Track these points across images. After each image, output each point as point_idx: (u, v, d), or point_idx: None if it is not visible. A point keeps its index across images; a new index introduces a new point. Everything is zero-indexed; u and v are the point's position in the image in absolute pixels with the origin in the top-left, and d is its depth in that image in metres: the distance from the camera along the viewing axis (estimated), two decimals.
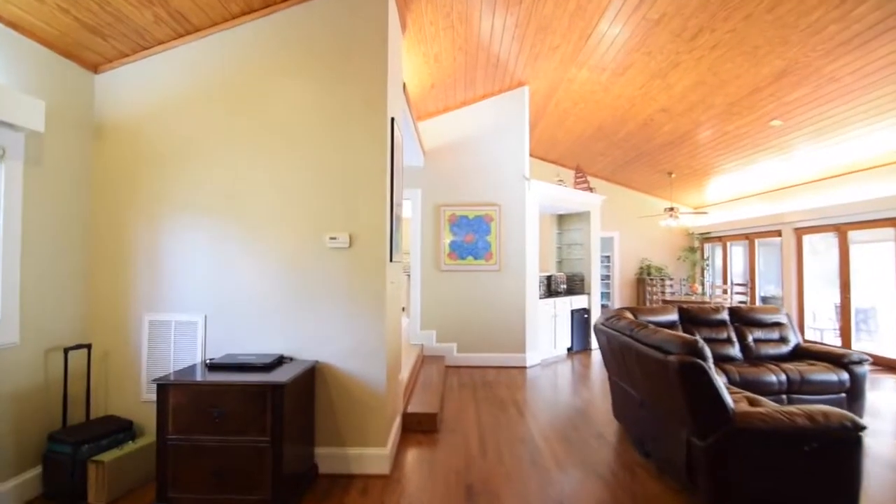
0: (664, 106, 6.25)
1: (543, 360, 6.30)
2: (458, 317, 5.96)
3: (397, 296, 3.52)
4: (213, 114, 3.01)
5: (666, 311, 4.39)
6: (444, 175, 6.06)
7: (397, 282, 3.50)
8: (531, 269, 6.09)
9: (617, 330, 3.24)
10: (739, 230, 9.06)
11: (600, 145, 8.56)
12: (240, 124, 3.00)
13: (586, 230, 7.47)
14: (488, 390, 4.86)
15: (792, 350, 4.44)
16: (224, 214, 2.98)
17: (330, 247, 2.93)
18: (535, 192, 6.24)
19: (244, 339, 2.96)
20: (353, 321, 2.92)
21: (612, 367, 3.53)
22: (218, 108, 3.01)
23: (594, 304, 7.34)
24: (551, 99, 7.06)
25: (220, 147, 3.00)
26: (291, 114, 2.99)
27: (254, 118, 3.00)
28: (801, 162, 6.82)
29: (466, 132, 6.11)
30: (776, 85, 5.05)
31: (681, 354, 2.37)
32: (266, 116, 2.99)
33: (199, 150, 3.00)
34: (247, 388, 2.38)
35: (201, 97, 3.02)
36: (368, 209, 2.94)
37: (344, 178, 2.96)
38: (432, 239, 6.00)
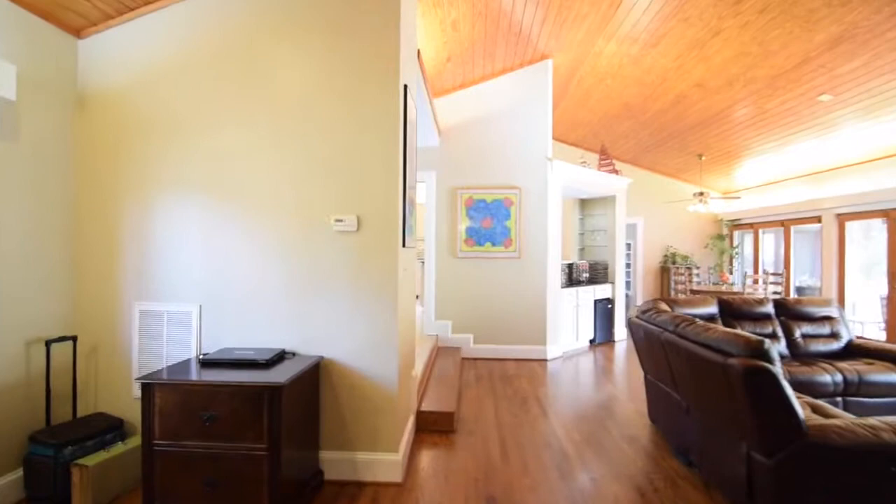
0: (699, 80, 5.77)
1: (565, 353, 5.96)
2: (475, 307, 5.64)
3: (411, 284, 3.21)
4: (207, 82, 2.70)
5: (704, 304, 4.00)
6: (460, 156, 5.70)
7: (411, 269, 3.18)
8: (553, 256, 5.73)
9: (657, 325, 2.88)
10: (773, 216, 8.53)
11: (625, 126, 8.08)
12: (236, 93, 2.68)
13: (611, 215, 7.06)
14: (508, 385, 4.56)
15: (844, 347, 4.03)
16: (220, 194, 2.69)
17: (336, 230, 2.62)
18: (557, 174, 5.84)
19: (243, 332, 2.68)
20: (361, 313, 2.62)
21: (649, 366, 3.18)
22: (211, 76, 2.70)
23: (618, 294, 6.96)
24: (575, 75, 6.62)
25: (215, 119, 2.69)
26: (293, 80, 2.66)
27: (252, 86, 2.68)
28: (845, 142, 6.28)
29: (485, 110, 5.72)
30: (829, 55, 4.55)
31: (744, 357, 2.02)
32: (266, 84, 2.67)
33: (192, 122, 2.70)
34: (241, 389, 2.10)
35: (193, 64, 2.71)
36: (378, 188, 2.62)
37: (351, 152, 2.63)
38: (448, 224, 5.67)
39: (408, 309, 3.07)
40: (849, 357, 3.90)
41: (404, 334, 2.91)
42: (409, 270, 3.08)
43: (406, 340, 2.99)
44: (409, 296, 3.14)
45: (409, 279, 3.10)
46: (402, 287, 2.81)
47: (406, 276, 2.97)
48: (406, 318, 3.00)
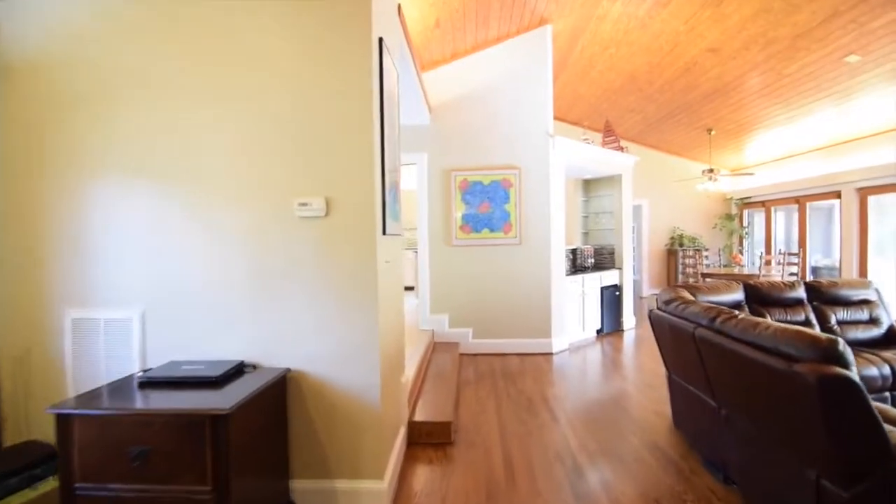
0: (713, 45, 5.27)
1: (571, 345, 5.55)
2: (474, 298, 5.21)
3: (396, 277, 2.76)
4: (149, 45, 2.22)
5: (729, 290, 3.57)
6: (453, 134, 5.22)
7: (396, 260, 2.74)
8: (556, 241, 5.28)
9: (686, 318, 2.45)
10: (787, 193, 8.07)
11: (630, 99, 7.58)
12: (177, 54, 2.21)
13: (616, 196, 6.60)
14: (511, 384, 4.14)
15: (885, 333, 3.61)
16: (167, 177, 2.23)
17: (300, 216, 2.17)
18: (559, 151, 5.37)
19: (196, 341, 2.25)
20: (334, 314, 2.19)
21: (674, 365, 2.76)
22: (155, 38, 2.22)
23: (626, 280, 6.53)
24: (576, 43, 6.11)
25: (161, 90, 2.22)
26: (245, 37, 2.19)
27: (197, 46, 2.20)
28: (868, 110, 5.80)
29: (479, 83, 5.23)
30: (861, 7, 4.06)
31: (814, 363, 1.59)
32: (213, 43, 2.20)
33: (134, 94, 2.24)
34: (178, 417, 1.68)
35: (132, 23, 2.23)
36: (350, 165, 2.16)
37: (316, 121, 2.17)
38: (441, 209, 5.21)
39: (393, 306, 2.64)
40: (891, 345, 3.49)
41: (389, 336, 2.48)
42: (394, 262, 2.63)
43: (391, 343, 2.56)
44: (395, 291, 2.70)
45: (394, 272, 2.66)
46: (385, 281, 2.37)
47: (390, 269, 2.53)
48: (391, 318, 2.56)
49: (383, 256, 2.32)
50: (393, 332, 2.61)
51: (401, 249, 2.86)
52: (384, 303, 2.34)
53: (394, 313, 2.65)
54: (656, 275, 9.90)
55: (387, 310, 2.43)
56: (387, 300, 2.42)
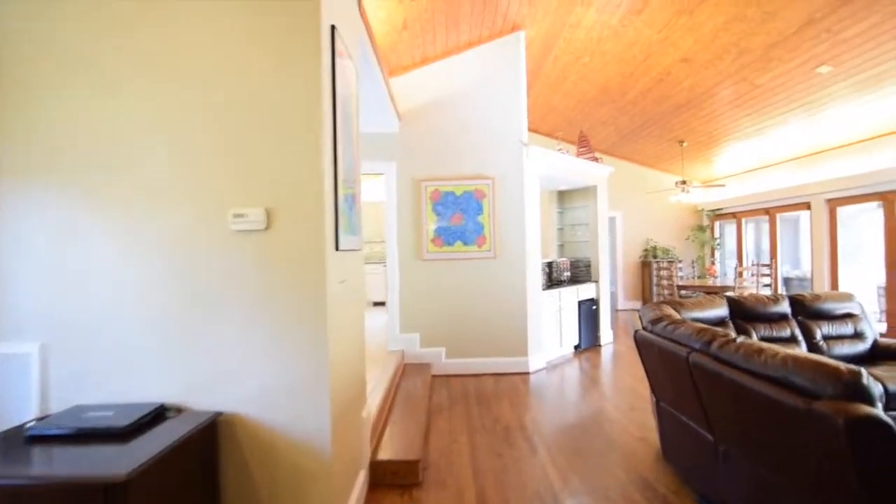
0: (687, 54, 5.20)
1: (549, 363, 5.30)
2: (446, 316, 4.91)
3: (355, 299, 2.44)
4: (47, 22, 1.87)
5: (713, 305, 3.39)
6: (424, 142, 4.96)
7: (355, 279, 2.42)
8: (532, 254, 5.05)
9: (676, 341, 2.21)
10: (758, 204, 8.12)
11: (604, 111, 7.50)
12: (87, 38, 1.87)
13: (592, 208, 6.45)
14: (486, 409, 3.84)
15: (871, 348, 3.48)
16: (74, 179, 1.87)
17: (235, 229, 1.84)
18: (534, 161, 5.17)
19: (110, 379, 1.87)
20: (276, 345, 1.85)
21: (663, 391, 2.51)
22: (53, 13, 1.87)
23: (603, 293, 6.36)
24: (549, 53, 5.97)
25: (68, 75, 1.86)
26: (168, 22, 1.86)
27: (109, 30, 1.87)
28: (838, 121, 5.84)
29: (450, 89, 5.00)
30: (835, 16, 4.02)
31: (837, 400, 1.35)
32: (127, 27, 1.87)
33: (36, 78, 1.87)
34: (64, 487, 1.31)
35: None
36: (296, 170, 1.85)
37: (256, 120, 1.85)
38: (412, 222, 4.92)
39: (351, 332, 2.31)
40: (878, 360, 3.36)
41: (345, 367, 2.15)
42: (351, 281, 2.32)
43: (348, 374, 2.23)
44: (353, 314, 2.38)
45: (352, 292, 2.34)
46: (339, 304, 2.05)
47: (347, 290, 2.21)
48: (348, 345, 2.24)
49: (336, 275, 2.01)
50: (351, 362, 2.29)
51: (360, 266, 2.54)
52: (338, 329, 2.02)
53: (352, 340, 2.32)
54: (631, 287, 9.82)
55: (342, 337, 2.10)
56: (342, 326, 2.10)
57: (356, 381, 2.41)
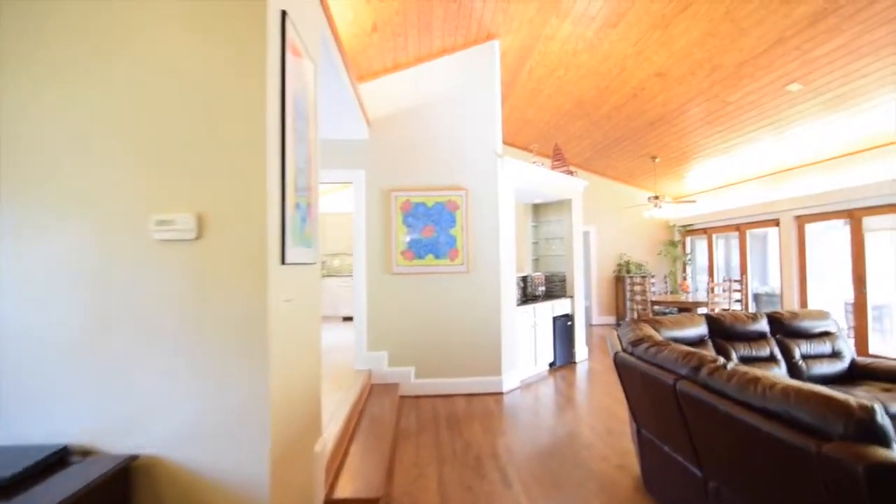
0: (661, 69, 5.18)
1: (523, 382, 5.10)
2: (416, 333, 4.66)
3: (307, 318, 2.18)
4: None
5: (692, 324, 3.26)
6: (395, 151, 4.75)
7: (310, 296, 2.16)
8: (506, 268, 4.87)
9: (662, 367, 2.03)
10: (728, 220, 8.21)
11: (578, 125, 7.48)
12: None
13: (567, 221, 6.35)
14: (457, 434, 3.59)
15: (849, 368, 3.41)
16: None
17: (159, 238, 1.57)
18: (509, 172, 5.02)
19: (4, 417, 1.56)
20: (206, 374, 1.58)
21: (647, 420, 2.33)
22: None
23: (578, 309, 6.22)
24: (524, 65, 5.89)
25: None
26: None
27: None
28: (806, 139, 5.93)
29: (423, 97, 4.82)
30: (806, 34, 4.04)
31: (849, 441, 1.17)
32: None
33: None
34: None
35: None
36: (234, 171, 1.60)
37: (186, 110, 1.60)
38: (381, 233, 4.67)
39: (302, 357, 2.05)
40: (857, 380, 3.29)
41: (292, 397, 1.89)
42: (304, 299, 2.06)
43: (297, 405, 1.96)
44: (305, 336, 2.11)
45: (305, 311, 2.08)
46: (287, 325, 1.79)
47: (297, 308, 1.95)
48: (298, 371, 1.97)
49: (282, 293, 1.75)
50: (302, 390, 2.02)
51: (315, 283, 2.29)
52: (284, 354, 1.76)
53: (303, 365, 2.06)
54: (605, 302, 9.77)
55: (290, 363, 1.84)
56: (290, 351, 1.84)
57: (308, 412, 2.14)
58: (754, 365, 3.28)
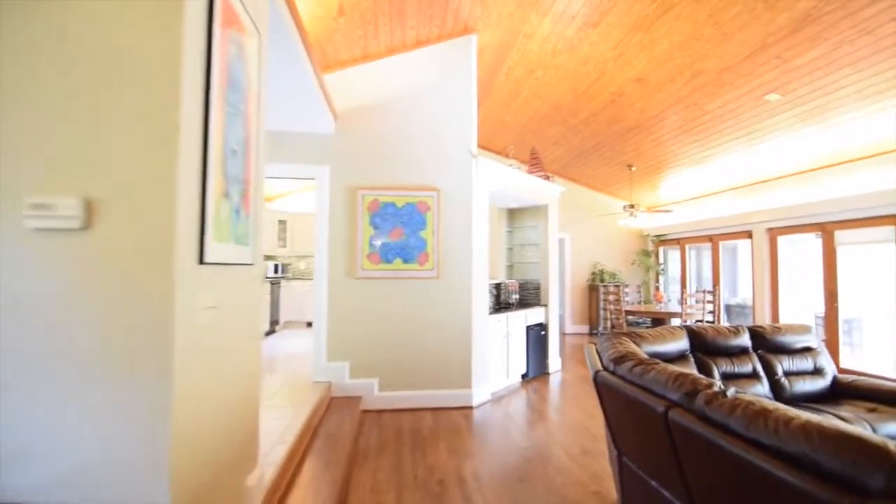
0: (641, 74, 5.06)
1: (494, 394, 4.84)
2: (381, 342, 4.34)
3: (239, 331, 1.85)
4: None
5: (674, 338, 3.06)
6: (363, 147, 4.44)
7: (243, 303, 1.84)
8: (479, 275, 4.61)
9: (650, 390, 1.79)
10: (701, 231, 8.20)
11: (555, 131, 7.33)
12: None
13: (543, 227, 6.16)
14: (421, 455, 3.29)
15: (831, 385, 3.28)
16: None
17: (34, 227, 1.23)
18: (484, 174, 4.78)
19: None
20: (87, 401, 1.25)
21: (629, 447, 2.08)
22: None
23: (552, 318, 6.02)
24: (503, 64, 5.69)
25: None
26: None
27: None
28: (782, 151, 5.92)
29: (395, 91, 4.53)
30: (788, 41, 3.95)
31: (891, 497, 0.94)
32: None
33: None
34: None
35: None
36: (136, 149, 1.28)
37: (74, 67, 1.27)
38: (345, 235, 4.35)
39: (229, 375, 1.72)
40: (840, 399, 3.15)
41: (211, 425, 1.56)
42: (237, 306, 1.73)
43: (218, 435, 1.63)
44: (236, 351, 1.78)
45: (236, 321, 1.75)
46: (206, 338, 1.47)
47: (225, 318, 1.62)
48: (222, 394, 1.64)
49: (200, 298, 1.43)
50: (228, 416, 1.69)
51: (253, 287, 1.96)
52: (200, 374, 1.43)
53: (232, 386, 1.73)
54: (579, 310, 9.65)
55: (208, 384, 1.51)
56: (208, 370, 1.51)
57: (239, 441, 1.80)
58: (737, 382, 3.10)
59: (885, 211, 5.14)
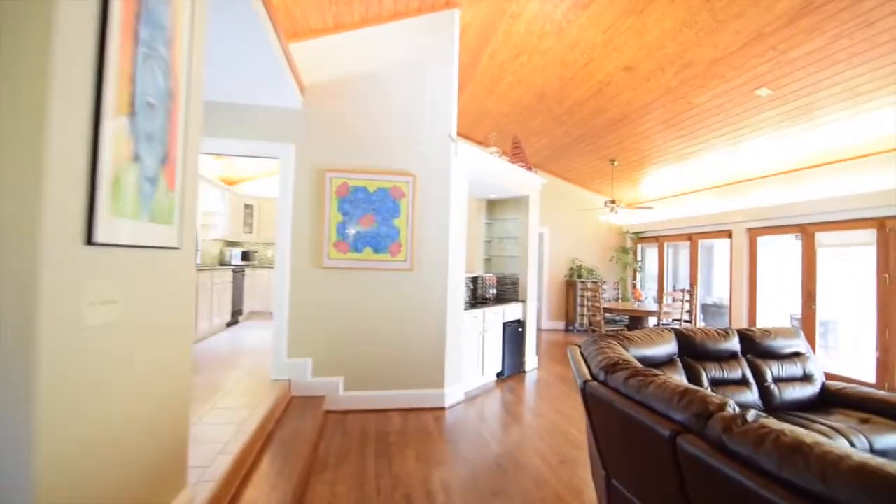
0: (630, 62, 4.83)
1: (468, 394, 4.58)
2: (348, 338, 4.01)
3: (158, 335, 1.51)
4: None
5: (662, 341, 2.85)
6: (332, 125, 4.07)
7: (159, 297, 1.50)
8: (456, 268, 4.33)
9: (652, 408, 1.54)
10: (681, 229, 8.12)
11: (538, 120, 7.08)
12: None
13: (523, 221, 5.91)
14: (386, 464, 3.00)
15: (820, 393, 3.13)
16: None
17: None
18: (463, 160, 4.48)
19: None
20: None
21: (621, 470, 1.83)
22: None
23: (530, 315, 5.80)
24: (486, 46, 5.39)
25: None
26: None
27: None
28: (766, 150, 5.81)
29: (369, 65, 4.17)
30: (786, 31, 3.76)
31: None
32: None
33: None
34: None
35: None
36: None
37: None
38: (311, 220, 3.99)
39: (140, 386, 1.39)
40: (830, 408, 3.00)
41: (105, 452, 1.23)
42: (145, 302, 1.40)
43: (119, 461, 1.30)
44: (153, 357, 1.45)
45: (153, 321, 1.42)
46: (101, 343, 1.13)
47: (137, 317, 1.29)
48: (131, 409, 1.31)
49: (93, 289, 1.09)
50: (144, 433, 1.36)
51: (182, 276, 1.61)
52: (91, 385, 1.10)
53: (147, 399, 1.40)
54: (555, 306, 9.49)
55: (107, 393, 1.18)
56: (105, 378, 1.18)
57: (157, 459, 1.47)
58: (726, 389, 2.92)
59: (868, 214, 5.08)
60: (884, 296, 4.89)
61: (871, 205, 4.99)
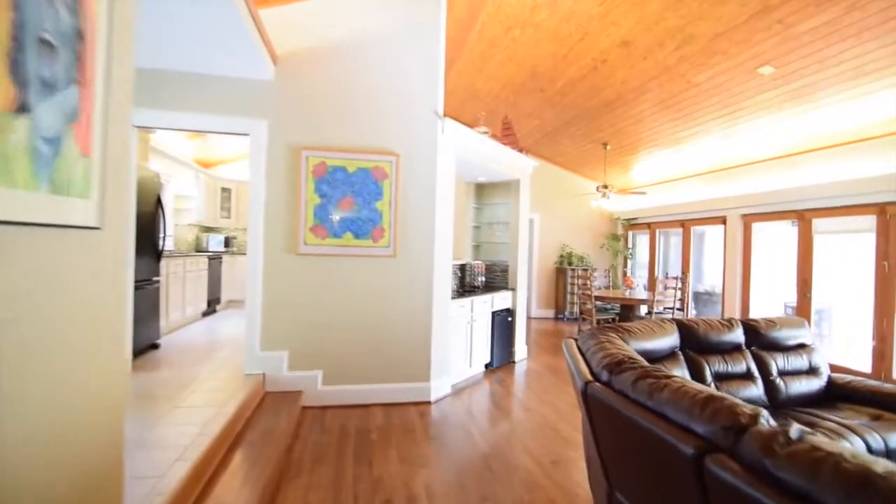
0: (627, 36, 4.56)
1: (455, 387, 4.36)
2: (326, 329, 3.76)
3: (52, 341, 1.24)
4: None
5: (664, 333, 2.65)
6: (309, 100, 3.76)
7: (59, 284, 1.23)
8: (442, 254, 4.08)
9: (664, 416, 1.31)
10: (673, 216, 7.94)
11: (530, 101, 6.79)
12: None
13: (513, 205, 5.66)
14: (366, 466, 2.77)
15: (827, 386, 2.96)
16: None
17: None
18: (451, 139, 4.21)
19: None
20: None
21: (625, 485, 1.61)
22: None
23: (520, 303, 5.59)
24: (476, 20, 5.08)
25: None
26: None
27: None
28: (763, 133, 5.61)
29: (349, 34, 3.85)
30: (795, 2, 3.52)
31: None
32: None
33: None
34: None
35: None
36: None
37: None
38: (286, 202, 3.69)
39: (43, 399, 1.12)
40: (837, 402, 2.83)
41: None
42: (49, 290, 1.12)
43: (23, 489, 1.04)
44: (56, 363, 1.18)
45: (50, 315, 1.15)
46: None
47: (19, 313, 1.02)
48: (36, 421, 1.05)
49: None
50: (40, 450, 1.10)
51: (105, 261, 1.33)
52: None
53: (51, 407, 1.13)
54: (545, 294, 9.31)
55: None
56: None
57: (77, 481, 1.21)
58: (730, 384, 2.73)
59: (868, 199, 4.93)
60: (882, 284, 4.77)
61: (872, 190, 4.83)
